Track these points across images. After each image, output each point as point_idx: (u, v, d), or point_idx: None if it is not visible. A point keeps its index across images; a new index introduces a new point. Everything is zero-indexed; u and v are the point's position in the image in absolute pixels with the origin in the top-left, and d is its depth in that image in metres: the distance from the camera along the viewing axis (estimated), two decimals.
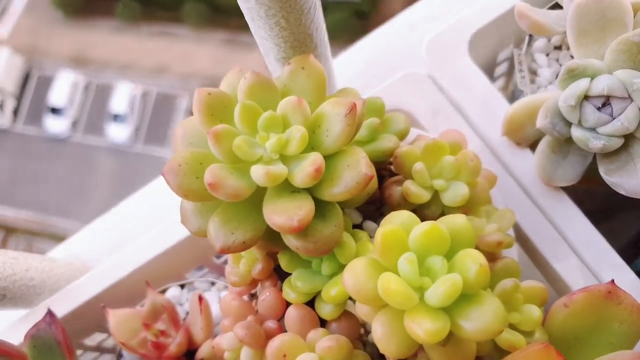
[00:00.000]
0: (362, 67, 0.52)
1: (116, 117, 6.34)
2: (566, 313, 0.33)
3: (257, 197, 0.32)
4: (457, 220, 0.30)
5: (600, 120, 0.37)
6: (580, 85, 0.37)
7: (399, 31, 0.53)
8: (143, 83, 6.51)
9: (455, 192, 0.35)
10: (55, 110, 6.36)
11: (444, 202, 0.36)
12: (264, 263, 0.36)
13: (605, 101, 0.37)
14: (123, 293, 0.46)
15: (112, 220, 0.56)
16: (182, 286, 0.47)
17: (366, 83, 0.53)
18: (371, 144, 0.38)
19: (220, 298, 0.45)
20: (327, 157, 0.32)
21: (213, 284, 0.46)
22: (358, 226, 0.40)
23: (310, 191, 0.32)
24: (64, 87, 6.48)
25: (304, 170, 0.30)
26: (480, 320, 0.27)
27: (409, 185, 0.35)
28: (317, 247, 0.31)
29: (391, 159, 0.37)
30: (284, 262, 0.34)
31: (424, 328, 0.26)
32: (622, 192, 0.38)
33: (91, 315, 0.44)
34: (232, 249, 0.31)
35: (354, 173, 0.31)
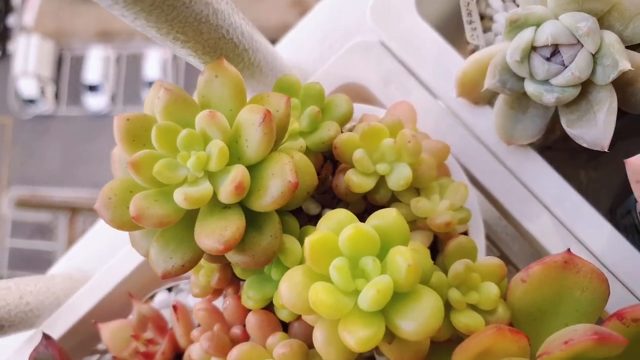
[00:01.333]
0: (317, 39, 0.50)
1: (151, 84, 6.41)
2: (525, 288, 0.32)
3: (192, 217, 0.31)
4: (388, 215, 0.29)
5: (551, 72, 0.34)
6: (524, 37, 0.34)
7: None
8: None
9: (398, 176, 0.34)
10: (92, 88, 6.47)
11: (390, 187, 0.34)
12: (221, 273, 0.36)
13: (555, 49, 0.34)
14: (116, 304, 0.47)
15: (105, 228, 0.57)
16: (170, 289, 0.48)
17: (321, 55, 0.50)
18: (313, 134, 0.37)
19: None
20: (252, 167, 0.31)
21: None
22: (317, 217, 0.39)
23: (242, 203, 0.31)
24: (96, 64, 6.57)
25: (226, 189, 0.29)
26: (417, 319, 0.27)
27: (350, 175, 0.34)
28: (256, 260, 0.31)
29: None
30: (237, 271, 0.34)
31: (356, 337, 0.26)
32: (584, 145, 0.35)
33: (86, 332, 0.46)
34: (173, 273, 0.31)
35: (279, 182, 0.30)
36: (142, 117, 0.32)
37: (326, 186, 0.39)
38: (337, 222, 0.30)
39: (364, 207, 0.38)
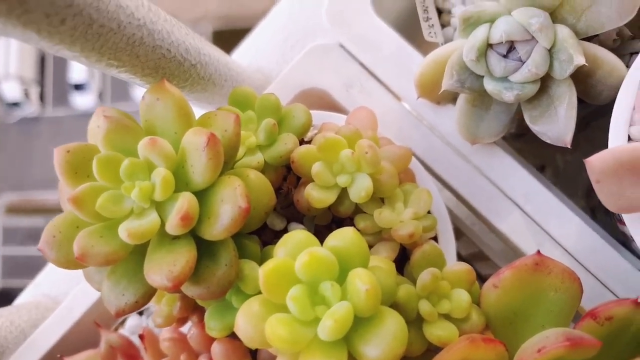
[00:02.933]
0: (277, 41, 0.48)
1: None
2: (497, 293, 0.31)
3: (142, 250, 0.30)
4: (346, 235, 0.28)
5: (508, 69, 0.33)
6: (479, 35, 0.33)
7: None
8: None
9: (358, 188, 0.32)
10: (78, 87, 6.33)
11: (353, 199, 0.33)
12: (182, 301, 0.34)
13: (511, 46, 0.32)
14: (84, 332, 0.46)
15: None
16: (141, 313, 0.47)
17: (284, 56, 0.49)
18: (271, 148, 0.35)
19: None
20: (201, 192, 0.29)
21: None
22: (283, 231, 0.38)
23: (193, 232, 0.29)
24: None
25: (172, 220, 0.28)
26: (380, 345, 0.26)
27: (310, 190, 0.33)
28: (211, 291, 0.29)
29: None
30: (198, 300, 0.33)
31: None
32: (548, 141, 0.34)
33: None
34: (126, 310, 0.30)
35: (229, 208, 0.28)
36: (83, 148, 0.30)
37: (290, 200, 0.37)
38: (294, 245, 0.28)
39: (331, 217, 0.37)
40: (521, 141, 0.49)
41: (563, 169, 0.55)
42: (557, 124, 0.33)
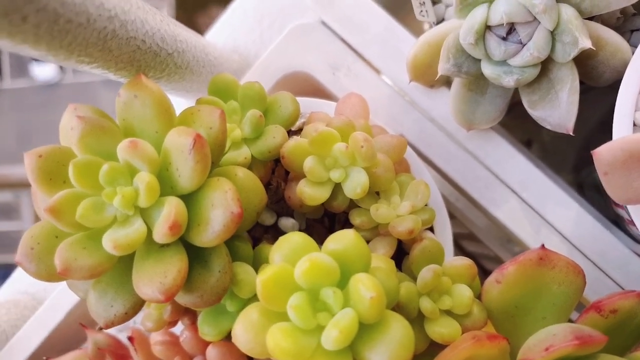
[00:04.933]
0: (253, 19, 0.45)
1: None
2: (500, 288, 0.30)
3: (129, 259, 0.28)
4: (346, 238, 0.26)
5: (508, 52, 0.31)
6: (477, 17, 0.31)
7: None
8: None
9: (354, 183, 0.31)
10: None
11: (347, 194, 0.31)
12: (173, 305, 0.33)
13: (511, 28, 0.31)
14: (68, 333, 0.44)
15: None
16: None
17: (261, 36, 0.46)
18: (257, 142, 0.33)
19: None
20: (188, 196, 0.27)
21: None
22: (273, 226, 0.36)
23: (183, 238, 0.28)
24: None
25: (160, 229, 0.26)
26: (386, 352, 0.25)
27: (302, 187, 0.31)
28: (205, 299, 0.28)
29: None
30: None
31: None
32: (549, 127, 0.33)
33: None
34: (115, 322, 0.28)
35: (220, 213, 0.26)
36: (57, 151, 0.28)
37: (279, 195, 0.36)
38: (291, 250, 0.27)
39: (323, 211, 0.36)
40: (507, 116, 0.48)
41: (550, 144, 0.54)
42: (559, 109, 0.32)
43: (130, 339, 0.37)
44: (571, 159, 0.54)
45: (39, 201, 0.31)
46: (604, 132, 0.41)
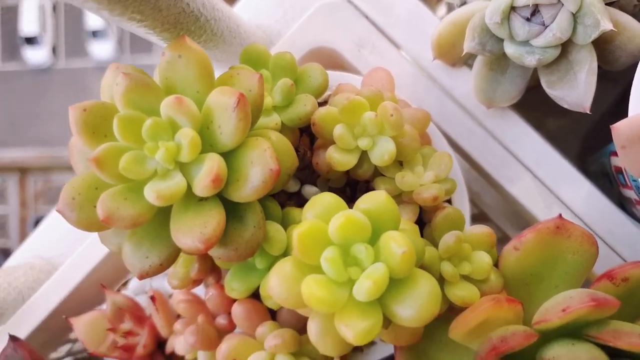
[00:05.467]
0: (273, 4, 0.46)
1: (95, 34, 5.98)
2: (517, 255, 0.32)
3: (164, 213, 0.29)
4: (378, 198, 0.28)
5: (531, 32, 0.32)
6: None
7: None
8: None
9: (382, 151, 0.32)
10: (30, 40, 5.97)
11: (374, 162, 0.33)
12: (200, 262, 0.34)
13: (535, 9, 0.32)
14: (85, 295, 0.45)
15: None
16: None
17: (284, 15, 0.47)
18: (288, 110, 0.35)
19: None
20: (228, 154, 0.28)
21: None
22: (296, 194, 0.37)
23: (220, 194, 0.29)
24: (31, 13, 6.06)
25: (201, 182, 0.27)
26: (414, 306, 0.26)
27: (332, 152, 0.32)
28: (239, 253, 0.29)
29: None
30: (218, 262, 0.33)
31: (355, 330, 0.25)
32: (565, 106, 0.34)
33: (57, 325, 0.44)
34: (150, 273, 0.29)
35: (259, 170, 0.28)
36: (100, 106, 0.29)
37: (305, 162, 0.37)
38: (323, 208, 0.28)
39: (345, 180, 0.37)
40: (513, 105, 0.49)
41: (555, 133, 0.56)
42: (577, 90, 0.33)
43: (152, 298, 0.39)
44: (576, 147, 0.55)
45: (76, 155, 0.32)
46: (609, 122, 0.43)
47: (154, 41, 0.33)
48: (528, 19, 0.32)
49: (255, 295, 0.34)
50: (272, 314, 0.34)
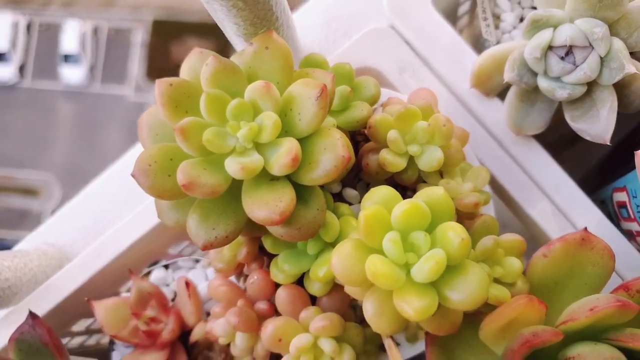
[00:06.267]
0: (322, 22, 0.50)
1: (68, 58, 5.93)
2: (546, 262, 0.34)
3: (234, 188, 0.31)
4: (436, 192, 0.30)
5: (564, 70, 0.37)
6: (544, 37, 0.37)
7: None
8: (92, 19, 6.09)
9: (431, 157, 0.35)
10: None
11: (420, 167, 0.36)
12: (249, 247, 0.36)
13: (568, 50, 0.37)
14: (105, 281, 0.45)
15: (84, 202, 0.54)
16: (166, 267, 0.47)
17: (327, 38, 0.51)
18: (344, 113, 0.37)
19: (206, 275, 0.45)
20: (302, 140, 0.31)
21: (197, 261, 0.46)
22: (338, 195, 0.40)
23: (289, 176, 0.31)
24: (3, 29, 5.99)
25: (280, 160, 0.29)
26: (466, 290, 0.29)
27: (385, 154, 0.35)
28: (302, 232, 0.31)
29: (364, 129, 0.37)
30: (268, 245, 0.34)
31: (414, 307, 0.27)
32: (587, 138, 0.39)
33: (75, 308, 0.44)
34: (215, 244, 0.31)
35: (332, 156, 0.30)
36: (185, 83, 0.31)
37: (348, 165, 0.40)
38: (381, 198, 0.31)
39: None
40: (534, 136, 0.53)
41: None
42: (599, 124, 0.37)
43: (186, 283, 0.40)
44: (580, 184, 0.60)
45: (145, 130, 0.33)
46: (606, 165, 0.48)
47: (229, 35, 0.35)
48: (562, 58, 0.37)
49: (298, 283, 0.35)
50: (313, 304, 0.36)
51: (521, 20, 0.45)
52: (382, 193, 0.31)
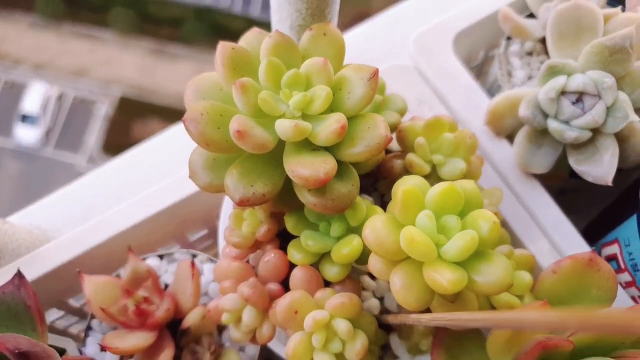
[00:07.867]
0: (350, 58, 0.54)
1: (25, 118, 5.87)
2: (554, 279, 0.36)
3: (275, 152, 0.32)
4: (468, 184, 0.32)
5: (574, 114, 0.41)
6: (560, 81, 0.41)
7: (385, 25, 0.56)
8: (60, 84, 6.11)
9: (454, 167, 0.37)
10: None
11: (442, 176, 0.38)
12: (270, 224, 0.36)
13: (578, 97, 0.41)
14: (98, 260, 0.43)
15: (78, 190, 0.53)
16: (161, 257, 0.45)
17: None
18: None
19: (203, 270, 0.44)
20: (347, 120, 0.33)
21: (194, 256, 0.45)
22: None
23: (329, 149, 0.32)
24: None
25: (329, 128, 0.31)
26: (493, 275, 0.29)
27: (412, 157, 0.37)
28: (335, 204, 0.32)
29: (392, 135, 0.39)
30: (290, 224, 0.35)
31: (447, 278, 0.28)
32: (589, 180, 0.42)
33: (60, 282, 0.42)
34: (251, 201, 0.31)
35: (375, 134, 0.32)
36: (244, 50, 0.33)
37: (369, 171, 0.41)
38: (414, 184, 0.32)
39: None
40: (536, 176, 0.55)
41: None
42: (602, 167, 0.41)
43: (192, 263, 0.39)
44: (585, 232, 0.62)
45: (191, 94, 0.35)
46: (597, 222, 0.51)
47: (284, 28, 0.38)
48: (573, 103, 0.41)
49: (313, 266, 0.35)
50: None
51: (529, 78, 0.50)
52: (414, 179, 0.33)
